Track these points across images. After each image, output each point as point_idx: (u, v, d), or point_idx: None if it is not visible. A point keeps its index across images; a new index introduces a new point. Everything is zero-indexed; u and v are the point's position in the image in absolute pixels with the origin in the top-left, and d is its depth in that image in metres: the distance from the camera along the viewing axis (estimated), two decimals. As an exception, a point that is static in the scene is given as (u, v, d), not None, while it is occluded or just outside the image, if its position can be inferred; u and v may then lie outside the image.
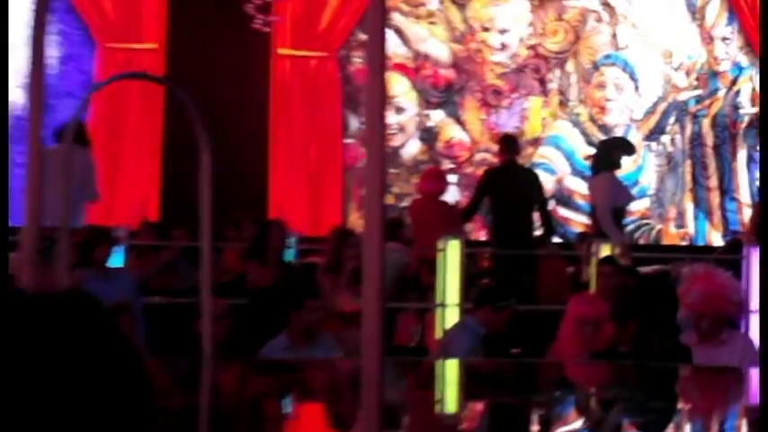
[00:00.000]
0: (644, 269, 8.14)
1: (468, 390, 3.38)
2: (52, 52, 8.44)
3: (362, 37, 10.46)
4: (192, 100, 3.22)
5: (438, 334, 7.03)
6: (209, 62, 9.48)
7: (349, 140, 10.36)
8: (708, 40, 10.73)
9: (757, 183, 10.47)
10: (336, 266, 6.99)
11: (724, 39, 10.76)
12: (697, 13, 10.75)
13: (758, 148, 10.74)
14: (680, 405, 3.01)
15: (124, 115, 10.19)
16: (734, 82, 10.74)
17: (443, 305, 7.34)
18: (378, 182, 1.69)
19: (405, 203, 9.31)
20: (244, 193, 8.88)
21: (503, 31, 10.62)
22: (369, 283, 1.66)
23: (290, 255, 7.81)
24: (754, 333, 6.29)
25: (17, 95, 8.60)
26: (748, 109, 10.83)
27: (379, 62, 1.68)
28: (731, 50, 10.78)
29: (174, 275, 7.40)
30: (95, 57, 9.89)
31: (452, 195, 9.37)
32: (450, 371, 4.26)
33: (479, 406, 3.01)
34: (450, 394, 3.25)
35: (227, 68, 9.58)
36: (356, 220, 9.78)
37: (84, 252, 6.26)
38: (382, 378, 1.64)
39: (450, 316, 7.19)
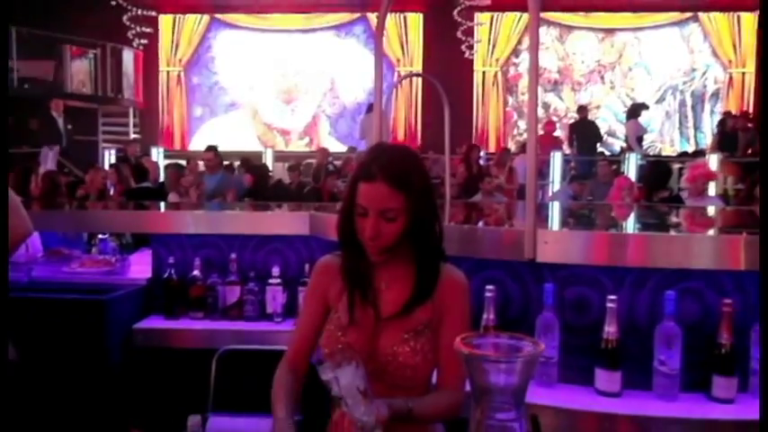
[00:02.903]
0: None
1: (565, 214, 3.19)
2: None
3: (514, 60, 12.05)
4: (439, 87, 3.35)
5: (549, 194, 8.35)
6: (445, 71, 9.87)
7: (508, 108, 12.23)
8: (690, 51, 11.75)
9: (714, 123, 10.92)
10: (502, 163, 8.38)
11: (699, 51, 11.71)
12: (685, 39, 11.74)
13: (718, 106, 11.50)
14: (679, 222, 2.71)
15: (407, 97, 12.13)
16: (704, 73, 11.70)
17: (552, 182, 9.00)
18: (534, 126, 1.80)
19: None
20: (461, 132, 9.75)
21: (582, 54, 12.07)
22: (530, 173, 1.79)
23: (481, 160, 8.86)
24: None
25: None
26: (711, 87, 11.72)
27: (534, 71, 1.72)
28: (702, 57, 11.71)
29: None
30: (394, 75, 11.63)
31: (558, 133, 10.65)
32: (554, 208, 4.11)
33: (570, 222, 2.78)
34: (555, 217, 2.99)
35: (453, 73, 10.39)
36: (511, 142, 11.80)
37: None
38: (535, 207, 1.72)
39: (555, 187, 8.76)
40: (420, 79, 11.67)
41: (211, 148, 7.05)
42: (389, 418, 1.18)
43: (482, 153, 9.41)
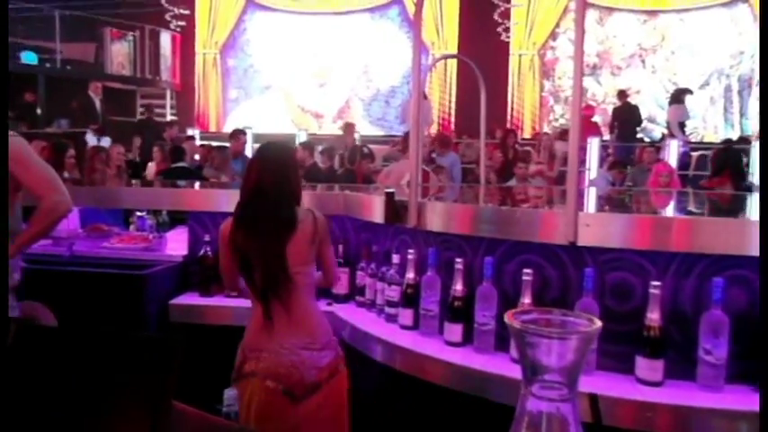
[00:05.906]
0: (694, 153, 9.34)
1: (601, 200, 3.01)
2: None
3: (551, 43, 11.84)
4: (476, 69, 3.36)
5: (586, 181, 7.84)
6: (480, 55, 9.17)
7: (544, 93, 12.01)
8: (738, 33, 11.12)
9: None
10: (545, 148, 8.51)
11: (748, 33, 10.91)
12: (733, 21, 11.17)
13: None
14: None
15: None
16: (752, 56, 10.89)
17: (589, 169, 8.55)
18: (577, 108, 1.73)
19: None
20: (496, 117, 9.69)
21: (623, 36, 11.61)
22: (572, 154, 1.78)
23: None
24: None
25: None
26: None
27: (579, 57, 1.69)
28: (751, 39, 10.78)
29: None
30: (428, 58, 11.21)
31: (596, 118, 10.18)
32: (593, 192, 4.26)
33: (607, 206, 2.81)
34: (591, 200, 2.98)
35: (489, 56, 10.09)
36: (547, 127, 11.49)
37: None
38: (576, 189, 1.71)
39: (593, 174, 8.35)
40: (455, 63, 11.50)
41: (235, 134, 7.23)
42: None
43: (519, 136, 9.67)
